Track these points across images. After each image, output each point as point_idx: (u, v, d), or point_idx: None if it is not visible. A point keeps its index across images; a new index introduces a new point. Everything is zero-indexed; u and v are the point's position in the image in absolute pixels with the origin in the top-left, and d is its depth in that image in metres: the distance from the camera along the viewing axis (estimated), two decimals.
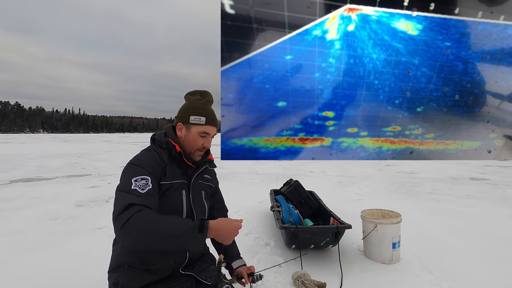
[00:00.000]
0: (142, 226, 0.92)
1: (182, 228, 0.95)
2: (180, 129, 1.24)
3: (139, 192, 1.01)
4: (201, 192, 1.32)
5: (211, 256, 1.44)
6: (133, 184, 1.03)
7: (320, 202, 3.25)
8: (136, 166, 1.10)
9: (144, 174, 1.08)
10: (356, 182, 6.27)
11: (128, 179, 1.05)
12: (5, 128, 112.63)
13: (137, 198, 0.99)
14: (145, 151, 1.22)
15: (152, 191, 1.05)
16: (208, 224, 1.00)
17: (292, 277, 2.04)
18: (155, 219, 0.95)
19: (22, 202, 4.29)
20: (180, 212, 1.20)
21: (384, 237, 2.32)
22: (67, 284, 1.98)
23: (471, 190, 5.42)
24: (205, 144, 1.24)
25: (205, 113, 1.21)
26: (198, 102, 1.22)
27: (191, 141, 1.22)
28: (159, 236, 0.92)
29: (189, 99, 1.25)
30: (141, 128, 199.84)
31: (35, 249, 2.56)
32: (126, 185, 1.03)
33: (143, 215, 0.94)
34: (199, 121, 1.20)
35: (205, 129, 1.21)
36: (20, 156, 11.67)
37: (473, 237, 2.95)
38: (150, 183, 1.06)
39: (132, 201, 0.97)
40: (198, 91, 1.26)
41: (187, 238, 0.94)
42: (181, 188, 1.23)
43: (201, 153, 1.26)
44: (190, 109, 1.21)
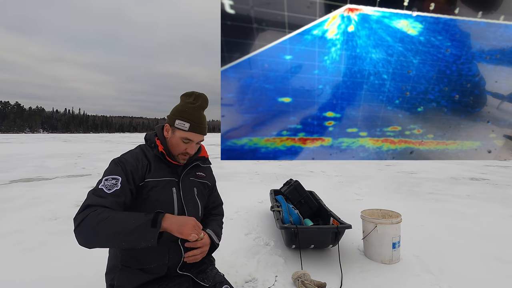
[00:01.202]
0: (93, 224, 0.93)
1: (134, 223, 0.94)
2: (167, 130, 1.24)
3: (104, 192, 1.03)
4: (192, 190, 1.30)
5: (210, 257, 1.42)
6: (102, 183, 1.06)
7: (320, 202, 3.25)
8: (114, 165, 1.13)
9: (117, 174, 1.09)
10: (356, 182, 6.27)
11: (102, 177, 1.09)
12: (5, 128, 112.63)
13: (97, 199, 1.01)
14: (133, 149, 1.24)
15: (119, 191, 1.05)
16: (162, 218, 0.98)
17: (292, 277, 2.04)
18: (106, 217, 0.94)
19: (22, 202, 4.29)
20: (171, 210, 1.19)
21: (384, 237, 2.32)
22: (67, 284, 1.98)
23: (471, 190, 5.42)
24: (188, 150, 1.22)
25: (191, 119, 1.18)
26: (188, 106, 1.20)
27: (174, 144, 1.21)
28: (110, 233, 0.93)
29: (182, 100, 1.24)
30: (141, 128, 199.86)
31: (35, 249, 2.56)
32: (97, 183, 1.07)
33: (96, 214, 0.95)
34: (182, 126, 1.18)
35: (188, 135, 1.19)
36: (20, 156, 11.67)
37: (473, 237, 2.95)
38: (119, 184, 1.07)
39: (90, 203, 1.00)
40: (195, 93, 1.23)
41: (139, 234, 0.94)
42: (171, 186, 1.22)
43: (185, 157, 1.24)
44: (178, 112, 1.20)
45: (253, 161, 9.78)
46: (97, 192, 1.03)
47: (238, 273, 2.15)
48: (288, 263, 2.33)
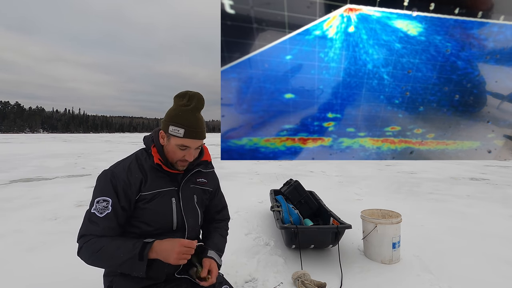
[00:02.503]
0: (88, 255, 1.02)
1: (123, 257, 0.99)
2: (162, 137, 1.15)
3: (96, 217, 1.06)
4: (192, 197, 1.25)
5: None
6: (94, 206, 1.08)
7: (320, 202, 3.25)
8: (106, 181, 1.10)
9: (107, 194, 1.08)
10: (356, 182, 6.27)
11: (93, 197, 1.10)
12: (5, 128, 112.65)
13: (90, 227, 1.06)
14: (126, 158, 1.20)
15: (111, 214, 1.07)
16: (149, 251, 0.99)
17: (292, 277, 2.04)
18: (98, 249, 1.00)
19: (22, 202, 4.29)
20: (170, 221, 1.16)
21: (384, 237, 2.31)
22: (66, 284, 1.98)
23: (471, 190, 5.42)
24: (186, 156, 1.12)
25: (185, 124, 1.08)
26: (181, 109, 1.09)
27: (171, 152, 1.13)
28: (104, 265, 1.04)
29: (175, 103, 1.13)
30: (141, 128, 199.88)
31: (35, 249, 2.56)
32: (90, 205, 1.10)
33: (89, 246, 1.02)
34: (177, 133, 1.08)
35: (184, 142, 1.09)
36: (20, 156, 11.67)
37: (473, 237, 2.95)
38: (110, 206, 1.07)
39: (84, 232, 1.06)
40: (188, 93, 1.12)
41: (129, 267, 0.99)
42: (170, 196, 1.17)
43: (184, 163, 1.16)
44: (171, 117, 1.10)
45: (253, 161, 9.78)
46: (91, 218, 1.07)
47: (238, 273, 2.15)
48: (288, 263, 2.33)
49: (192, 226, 1.24)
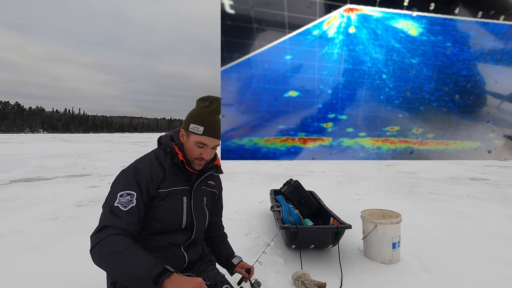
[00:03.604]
0: (106, 254, 0.95)
1: (139, 271, 0.92)
2: (182, 135, 1.21)
3: (119, 211, 1.02)
4: (203, 199, 1.30)
5: (210, 257, 1.43)
6: (117, 199, 1.04)
7: (320, 202, 3.25)
8: (129, 176, 1.10)
9: (132, 189, 1.07)
10: (356, 182, 6.27)
11: (116, 191, 1.07)
12: (5, 128, 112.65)
13: (113, 219, 1.01)
14: (146, 156, 1.21)
15: (135, 208, 1.05)
16: (166, 278, 0.91)
17: (292, 277, 2.04)
18: (119, 252, 0.94)
19: (22, 202, 4.29)
20: (180, 219, 1.19)
21: (384, 237, 2.31)
22: (67, 284, 1.98)
23: (471, 190, 5.42)
24: (203, 155, 1.18)
25: (205, 123, 1.15)
26: (202, 110, 1.17)
27: (189, 149, 1.19)
28: (117, 271, 0.95)
29: (197, 105, 1.21)
30: (141, 128, 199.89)
31: (35, 249, 2.56)
32: (111, 198, 1.06)
33: (111, 243, 0.96)
34: (196, 130, 1.15)
35: (202, 139, 1.16)
36: (20, 156, 11.66)
37: (473, 237, 2.95)
38: (135, 200, 1.06)
39: (107, 223, 1.00)
40: (210, 97, 1.20)
41: (140, 283, 0.93)
42: (182, 195, 1.21)
43: (200, 162, 1.21)
44: (192, 116, 1.18)
45: (253, 161, 9.78)
46: (113, 211, 1.03)
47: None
48: (288, 263, 2.33)
49: (200, 226, 1.28)
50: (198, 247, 1.35)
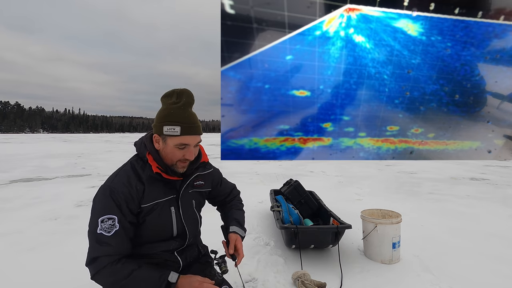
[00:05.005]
0: (112, 282, 0.96)
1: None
2: (156, 141, 1.08)
3: (104, 237, 0.98)
4: (191, 203, 1.23)
5: (207, 257, 1.39)
6: (99, 226, 0.98)
7: (320, 202, 3.25)
8: (106, 198, 1.02)
9: (112, 212, 1.00)
10: (356, 182, 6.27)
11: (95, 217, 1.00)
12: (5, 128, 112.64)
13: (101, 248, 0.97)
14: (122, 169, 1.10)
15: (120, 231, 1.00)
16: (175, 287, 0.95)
17: (292, 277, 2.04)
18: (124, 277, 0.95)
19: (22, 202, 4.29)
20: (170, 229, 1.14)
21: (384, 237, 2.31)
22: (66, 284, 1.98)
23: (471, 190, 5.42)
24: (186, 155, 1.07)
25: (180, 121, 1.02)
26: (172, 107, 1.04)
27: (169, 154, 1.07)
28: None
29: (164, 103, 1.07)
30: (141, 128, 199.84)
31: (35, 249, 2.56)
32: (93, 226, 1.00)
33: (108, 273, 0.96)
34: (173, 132, 1.02)
35: (182, 140, 1.04)
36: (20, 156, 11.66)
37: (473, 237, 2.95)
38: (117, 224, 1.00)
39: (96, 254, 0.97)
40: (176, 91, 1.06)
41: None
42: (169, 205, 1.13)
43: (184, 164, 1.10)
44: (163, 118, 1.04)
45: (253, 161, 9.78)
46: (99, 239, 0.98)
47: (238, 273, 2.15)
48: (288, 263, 2.33)
49: (192, 232, 1.24)
50: (194, 249, 1.31)
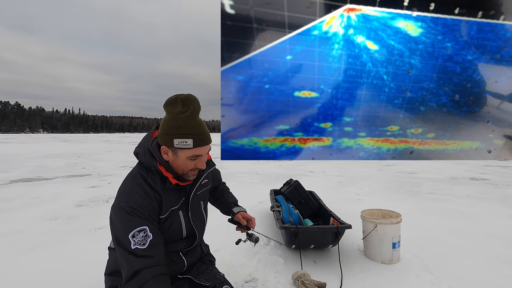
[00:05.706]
0: None
1: None
2: (165, 152, 1.06)
3: (141, 251, 0.93)
4: (199, 204, 1.26)
5: (210, 257, 1.42)
6: (132, 242, 0.93)
7: (320, 202, 3.25)
8: (128, 215, 0.97)
9: (140, 224, 0.97)
10: (356, 182, 6.27)
11: (124, 234, 0.95)
12: (5, 128, 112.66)
13: (142, 261, 0.93)
14: (134, 183, 1.06)
15: (154, 239, 0.97)
16: None
17: (292, 277, 2.04)
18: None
19: (22, 202, 4.29)
20: (179, 233, 1.16)
21: (384, 237, 2.31)
22: (66, 284, 1.98)
23: (471, 190, 5.42)
24: (198, 165, 1.08)
25: (192, 133, 1.00)
26: (180, 118, 1.00)
27: (181, 165, 1.07)
28: None
29: (170, 112, 1.02)
30: (141, 128, 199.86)
31: (35, 249, 2.56)
32: (125, 242, 0.94)
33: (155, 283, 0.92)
34: (185, 145, 1.00)
35: (194, 152, 1.03)
36: (20, 156, 11.66)
37: (473, 237, 2.95)
38: (150, 233, 0.97)
39: (138, 267, 0.92)
40: (180, 98, 1.01)
41: None
42: (178, 210, 1.15)
43: (195, 172, 1.12)
44: (172, 129, 1.01)
45: (253, 161, 9.78)
46: (137, 254, 0.93)
47: (238, 273, 2.15)
48: (288, 263, 2.33)
49: (201, 233, 1.29)
50: (198, 249, 1.34)
